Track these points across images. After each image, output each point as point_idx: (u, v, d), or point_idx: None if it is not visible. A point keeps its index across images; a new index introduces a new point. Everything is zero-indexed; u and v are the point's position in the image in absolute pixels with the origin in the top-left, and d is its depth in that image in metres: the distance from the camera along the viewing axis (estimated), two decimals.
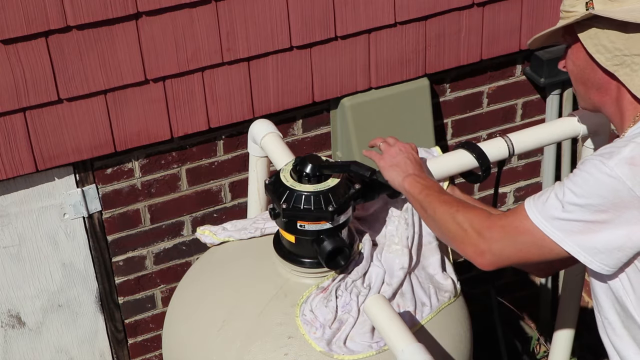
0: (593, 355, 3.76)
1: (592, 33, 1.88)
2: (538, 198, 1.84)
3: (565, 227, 1.78)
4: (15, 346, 3.22)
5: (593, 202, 1.75)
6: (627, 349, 1.92)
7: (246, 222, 2.41)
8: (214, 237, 2.39)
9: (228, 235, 2.38)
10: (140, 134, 2.99)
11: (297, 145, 3.29)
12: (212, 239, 2.40)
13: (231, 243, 2.38)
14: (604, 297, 1.92)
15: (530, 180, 3.79)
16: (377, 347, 2.05)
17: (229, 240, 2.38)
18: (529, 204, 1.85)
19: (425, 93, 3.30)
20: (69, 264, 3.16)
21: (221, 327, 2.15)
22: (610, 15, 1.83)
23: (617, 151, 1.75)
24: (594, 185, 1.75)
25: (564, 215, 1.78)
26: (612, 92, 1.92)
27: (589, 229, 1.77)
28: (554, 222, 1.79)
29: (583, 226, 1.77)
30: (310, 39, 3.05)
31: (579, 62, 1.96)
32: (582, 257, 1.80)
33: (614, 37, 1.85)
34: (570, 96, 3.60)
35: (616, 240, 1.76)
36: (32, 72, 2.75)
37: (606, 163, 1.74)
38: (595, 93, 1.96)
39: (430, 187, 2.07)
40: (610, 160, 1.74)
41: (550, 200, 1.81)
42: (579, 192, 1.76)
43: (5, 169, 2.86)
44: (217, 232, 2.39)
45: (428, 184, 2.09)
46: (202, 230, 2.42)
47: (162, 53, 2.88)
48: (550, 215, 1.80)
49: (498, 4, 3.26)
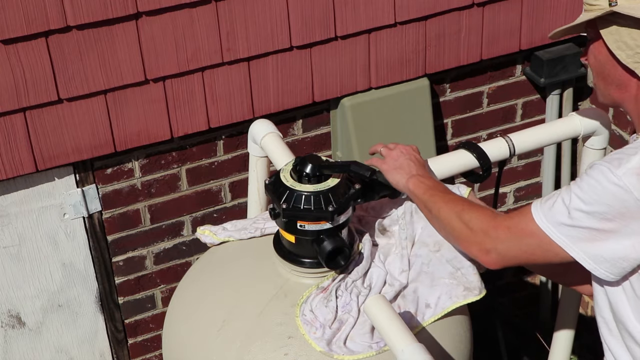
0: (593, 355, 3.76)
1: (614, 29, 1.86)
2: (545, 202, 1.84)
3: (572, 233, 1.78)
4: (15, 346, 3.22)
5: (599, 210, 1.74)
6: (619, 349, 1.93)
7: (246, 222, 2.41)
8: (214, 237, 2.39)
9: (228, 235, 2.38)
10: (140, 134, 2.99)
11: (297, 145, 3.28)
12: (212, 239, 2.40)
13: (231, 243, 2.38)
14: (602, 296, 1.93)
15: (530, 180, 3.79)
16: (377, 348, 2.05)
17: (229, 240, 2.38)
18: (535, 207, 1.84)
19: (425, 93, 3.30)
20: (69, 264, 3.16)
21: (221, 327, 2.15)
22: (632, 13, 1.81)
23: (626, 159, 1.74)
24: (601, 193, 1.74)
25: (570, 221, 1.78)
26: (631, 90, 1.90)
27: (595, 237, 1.76)
28: (560, 227, 1.79)
29: (589, 233, 1.77)
30: (310, 39, 3.05)
31: (600, 57, 1.93)
32: (588, 264, 1.80)
33: (635, 34, 1.83)
34: (570, 96, 3.60)
35: (622, 250, 1.76)
36: (32, 72, 2.75)
37: (614, 172, 1.73)
38: (614, 89, 1.93)
39: (434, 187, 2.07)
40: (619, 169, 1.73)
41: (557, 205, 1.80)
42: (585, 199, 1.76)
43: (5, 169, 2.86)
44: (217, 232, 2.39)
45: (432, 184, 2.08)
46: (202, 230, 2.42)
47: (162, 53, 2.88)
48: (556, 221, 1.80)
49: (498, 4, 3.26)
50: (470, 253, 1.94)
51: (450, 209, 1.98)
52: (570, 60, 3.45)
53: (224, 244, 2.40)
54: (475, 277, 2.16)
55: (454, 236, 1.98)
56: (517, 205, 3.80)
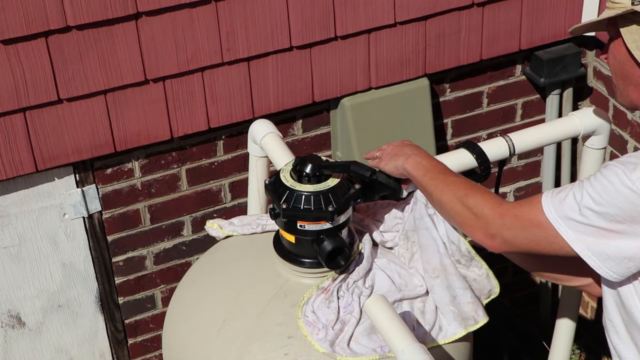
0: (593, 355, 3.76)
1: (634, 29, 1.83)
2: (556, 195, 1.83)
3: (579, 228, 1.78)
4: (15, 346, 3.22)
5: (610, 212, 1.74)
6: (629, 352, 1.92)
7: (251, 217, 2.43)
8: (219, 231, 2.41)
9: (232, 229, 2.39)
10: (140, 134, 2.99)
11: (297, 145, 3.29)
12: (217, 233, 2.42)
13: (232, 243, 2.38)
14: (610, 300, 1.92)
15: (530, 180, 3.79)
16: (381, 352, 2.04)
17: (233, 235, 2.39)
18: (546, 199, 1.83)
19: (425, 93, 3.30)
20: (69, 264, 3.16)
21: (221, 327, 2.15)
22: None
23: None
24: (614, 195, 1.73)
25: (579, 218, 1.77)
26: None
27: (602, 235, 1.76)
28: (568, 222, 1.79)
29: (596, 231, 1.76)
30: (310, 39, 3.05)
31: (619, 57, 1.90)
32: (591, 261, 1.79)
33: None
34: (570, 96, 3.60)
35: (628, 250, 1.76)
36: (32, 72, 2.75)
37: (629, 175, 1.72)
38: (633, 90, 1.91)
39: (433, 169, 2.04)
40: (634, 173, 1.72)
41: (568, 200, 1.79)
42: (597, 199, 1.75)
43: (5, 169, 2.86)
44: (224, 226, 2.41)
45: (430, 164, 2.05)
46: (211, 223, 2.44)
47: (162, 53, 2.88)
48: (565, 215, 1.79)
49: (498, 4, 3.26)
50: (474, 238, 1.93)
51: (452, 194, 1.96)
52: (570, 60, 3.45)
53: (225, 243, 2.41)
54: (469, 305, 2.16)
55: (458, 221, 1.96)
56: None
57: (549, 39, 3.41)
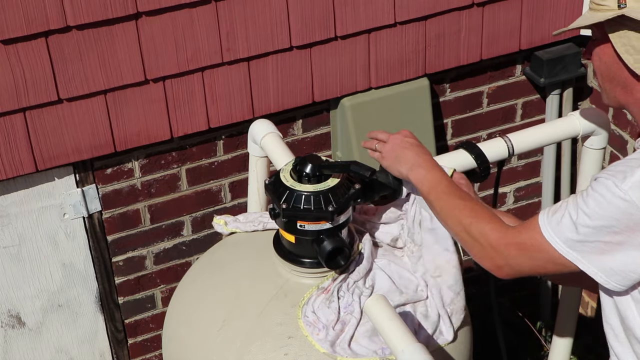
0: (593, 355, 3.76)
1: (622, 33, 1.82)
2: (552, 216, 1.82)
3: (581, 248, 1.78)
4: (15, 346, 3.22)
5: (606, 224, 1.74)
6: (626, 355, 1.92)
7: (255, 215, 2.44)
8: (224, 227, 2.43)
9: (236, 226, 2.40)
10: (140, 134, 2.99)
11: (297, 145, 3.29)
12: (222, 229, 2.43)
13: (232, 242, 2.39)
14: (609, 304, 1.92)
15: (530, 180, 3.79)
16: (382, 354, 2.04)
17: (237, 232, 2.39)
18: (543, 222, 1.83)
19: (425, 93, 3.30)
20: (69, 264, 3.17)
21: (221, 327, 2.15)
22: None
23: (630, 172, 1.73)
24: (607, 208, 1.73)
25: (578, 237, 1.77)
26: (637, 93, 1.88)
27: (602, 249, 1.76)
28: (568, 242, 1.79)
29: (597, 246, 1.76)
30: (310, 39, 3.05)
31: (605, 59, 1.89)
32: (599, 278, 1.79)
33: None
34: (570, 96, 3.60)
35: (631, 262, 1.76)
36: (32, 72, 2.75)
37: (620, 186, 1.72)
38: (620, 91, 1.90)
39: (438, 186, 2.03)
40: (624, 182, 1.72)
41: (565, 221, 1.79)
42: (591, 215, 1.75)
43: (5, 169, 2.86)
44: (229, 223, 2.42)
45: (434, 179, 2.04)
46: (218, 219, 2.45)
47: (162, 53, 2.88)
48: (564, 236, 1.79)
49: (498, 4, 3.26)
50: (482, 265, 1.94)
51: (457, 220, 1.96)
52: (570, 60, 3.45)
53: (225, 243, 2.41)
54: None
55: (464, 245, 1.97)
56: (517, 206, 3.80)
57: (549, 39, 3.41)
